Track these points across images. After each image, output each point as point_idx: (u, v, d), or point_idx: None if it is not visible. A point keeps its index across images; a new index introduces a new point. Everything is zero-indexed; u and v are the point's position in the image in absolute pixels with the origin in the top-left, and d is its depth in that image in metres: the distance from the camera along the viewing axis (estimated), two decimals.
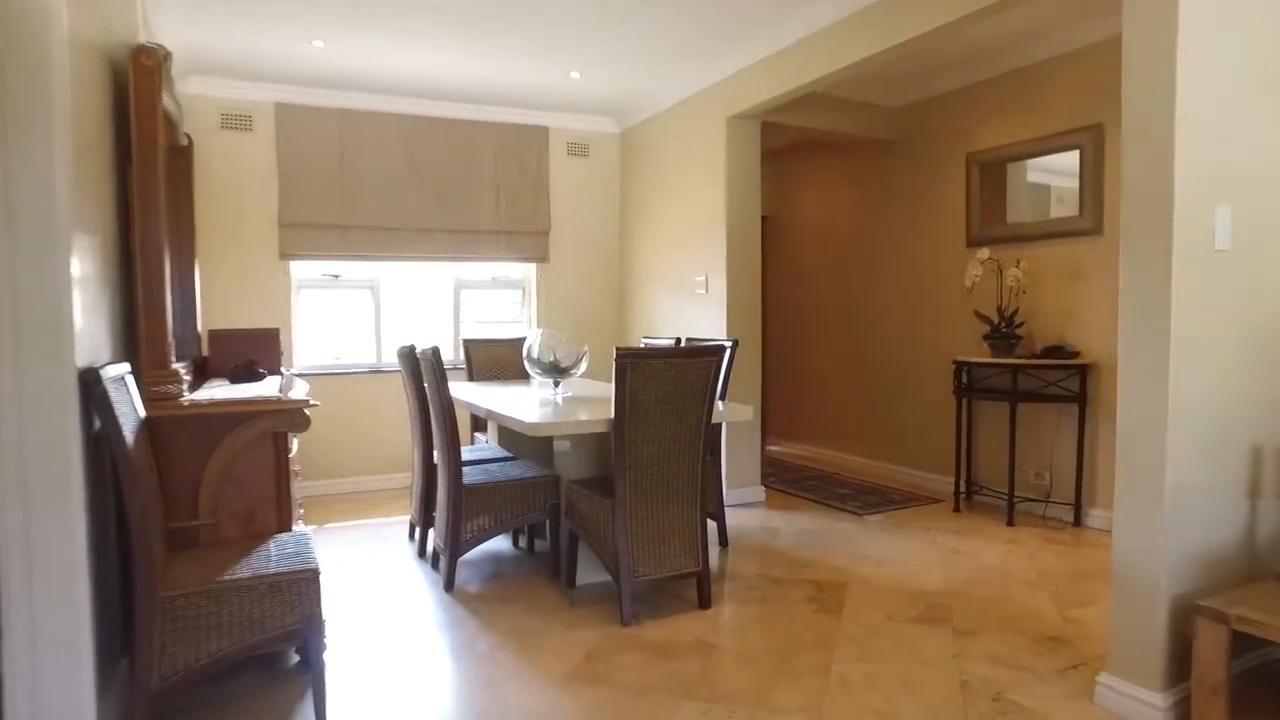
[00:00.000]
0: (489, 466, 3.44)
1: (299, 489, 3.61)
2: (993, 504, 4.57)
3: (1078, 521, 4.18)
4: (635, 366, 2.66)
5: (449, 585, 3.19)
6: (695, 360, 2.75)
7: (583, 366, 3.78)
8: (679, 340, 4.38)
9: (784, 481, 5.33)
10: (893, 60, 4.51)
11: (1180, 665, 2.15)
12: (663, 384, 2.72)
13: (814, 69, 3.94)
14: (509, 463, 3.55)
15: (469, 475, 3.23)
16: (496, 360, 4.84)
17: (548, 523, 3.34)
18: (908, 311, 5.22)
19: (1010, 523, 4.19)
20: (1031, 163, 4.43)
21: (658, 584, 3.00)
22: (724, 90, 4.62)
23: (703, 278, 4.86)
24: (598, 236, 5.87)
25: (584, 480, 3.13)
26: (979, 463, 4.72)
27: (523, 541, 3.83)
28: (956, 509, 4.51)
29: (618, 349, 2.67)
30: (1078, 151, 4.15)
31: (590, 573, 3.23)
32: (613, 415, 2.71)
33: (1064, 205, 4.29)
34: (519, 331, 5.69)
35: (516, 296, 5.76)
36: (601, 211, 5.87)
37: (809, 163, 6.09)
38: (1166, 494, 2.12)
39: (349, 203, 4.99)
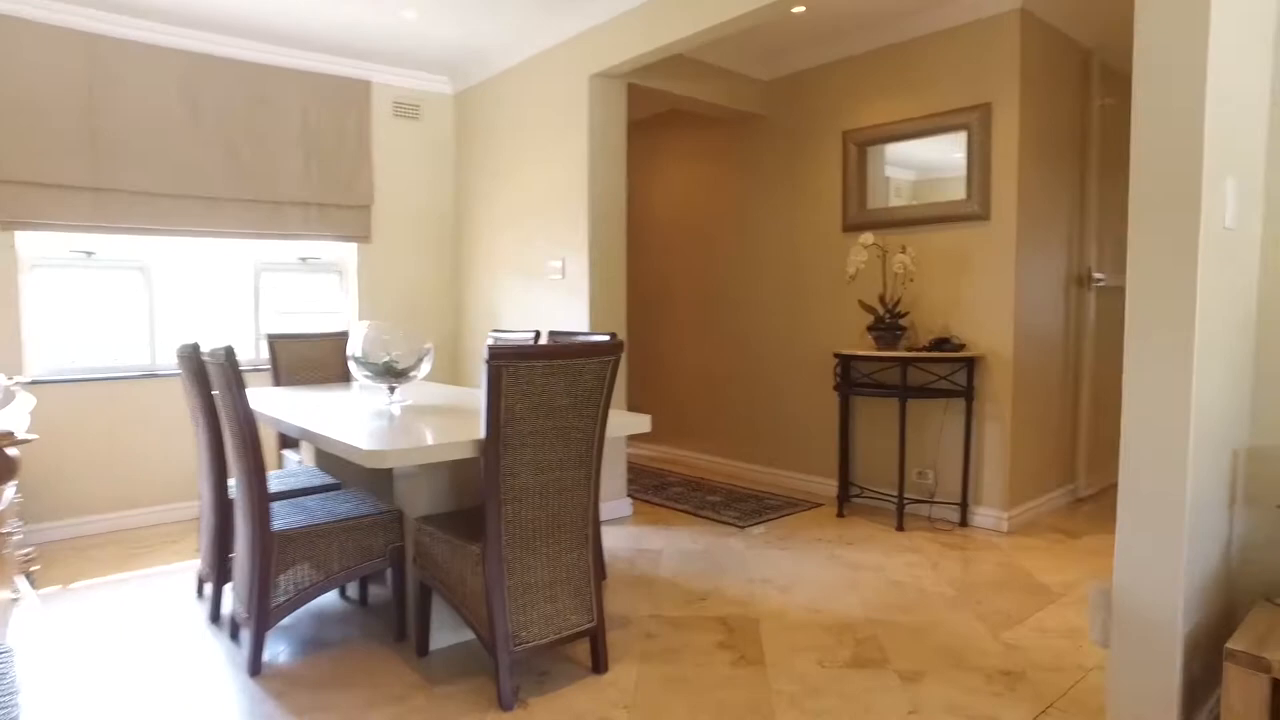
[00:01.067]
0: (306, 502, 2.62)
1: (21, 538, 2.62)
2: (875, 506, 4.29)
3: (964, 521, 3.97)
4: (514, 370, 1.99)
5: (254, 667, 2.35)
6: (588, 361, 2.12)
7: (425, 367, 3.04)
8: (538, 335, 3.72)
9: (646, 489, 4.81)
10: (767, 26, 4.08)
11: (1189, 714, 1.82)
12: (548, 391, 2.06)
13: (685, 24, 3.43)
14: (333, 494, 2.74)
15: (280, 515, 2.41)
16: (310, 360, 3.94)
17: (389, 570, 2.57)
18: (783, 301, 4.85)
19: (900, 527, 3.90)
20: (914, 143, 4.17)
21: (541, 646, 2.35)
22: (588, 44, 3.99)
23: (559, 261, 4.22)
24: (431, 213, 5.05)
25: (438, 517, 2.41)
26: (859, 463, 4.43)
27: (352, 590, 3.02)
28: (840, 514, 4.18)
29: (491, 348, 1.98)
30: (965, 133, 3.92)
31: (447, 632, 2.52)
32: (484, 434, 2.03)
33: (947, 189, 4.06)
34: (337, 324, 4.76)
35: (333, 282, 4.82)
36: (435, 184, 5.06)
37: (674, 137, 5.60)
38: (1186, 516, 1.77)
39: (104, 159, 3.86)
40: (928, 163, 4.17)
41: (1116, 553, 1.88)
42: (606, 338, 3.15)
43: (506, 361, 1.98)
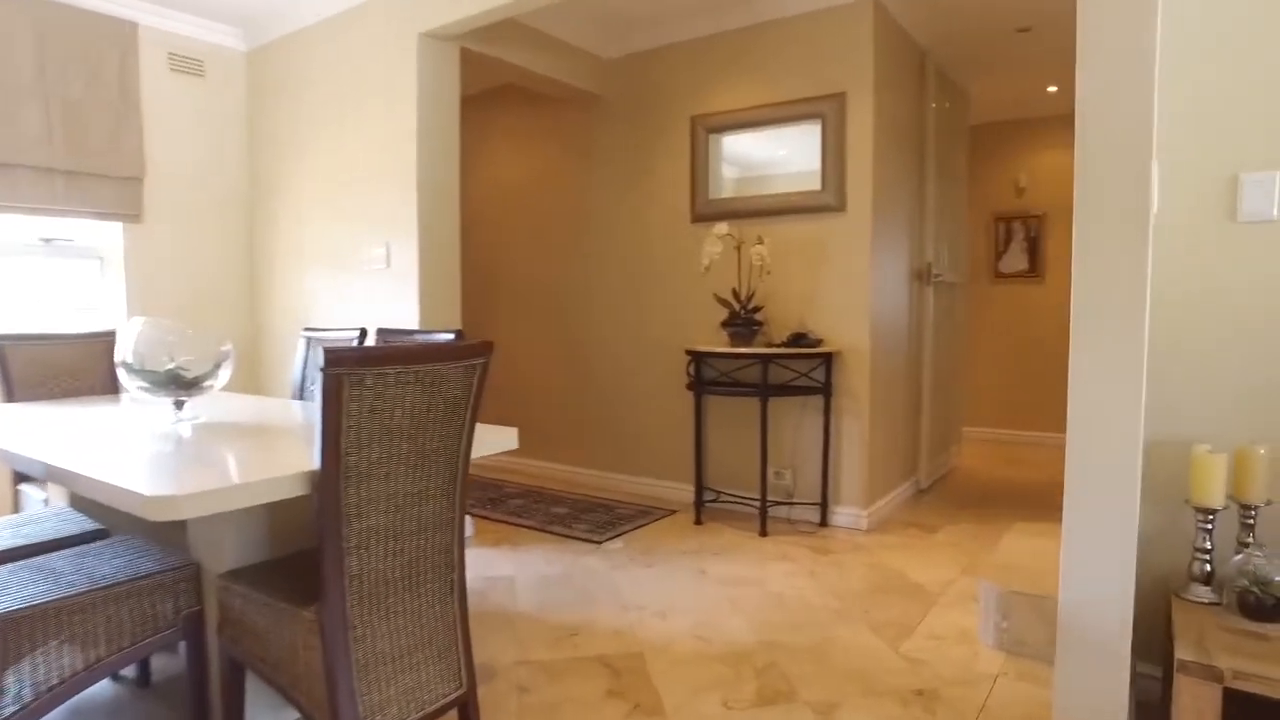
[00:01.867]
0: (54, 561, 1.94)
1: None
2: (733, 511, 4.10)
3: (824, 521, 3.87)
4: (360, 380, 1.50)
5: None
6: (453, 366, 1.68)
7: (223, 375, 2.42)
8: (364, 334, 3.16)
9: (483, 503, 4.34)
10: None
11: None
12: (405, 405, 1.60)
13: None
14: (97, 545, 2.07)
15: (10, 584, 1.74)
16: (59, 367, 3.11)
17: (182, 642, 1.96)
18: (631, 295, 4.55)
19: (763, 532, 3.73)
20: (766, 131, 4.01)
21: None
22: None
23: (383, 249, 3.65)
24: (221, 191, 4.26)
25: (253, 571, 1.85)
26: (714, 466, 4.23)
27: (129, 667, 2.33)
28: (698, 520, 3.95)
29: (329, 351, 1.48)
30: (819, 122, 3.81)
31: (264, 710, 1.96)
32: (318, 463, 1.52)
33: (802, 180, 3.94)
34: (99, 322, 3.87)
35: (90, 271, 3.92)
36: (226, 157, 4.27)
37: (509, 115, 5.12)
38: (1136, 527, 1.64)
39: None
40: (781, 151, 4.03)
41: (1063, 569, 1.72)
42: (451, 335, 2.69)
43: (350, 369, 1.49)
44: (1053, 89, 5.39)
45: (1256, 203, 1.99)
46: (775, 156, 4.05)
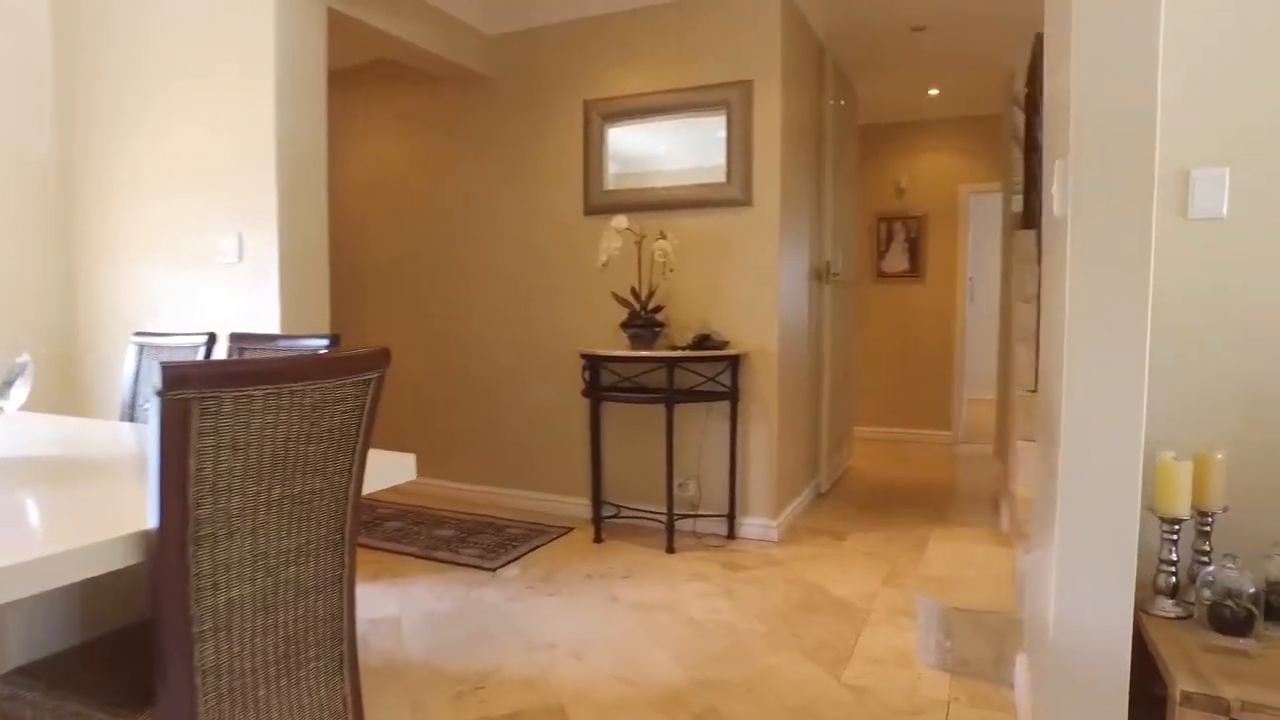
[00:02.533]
0: None
1: None
2: (635, 526, 3.83)
3: (732, 533, 3.67)
4: (214, 406, 1.11)
5: None
6: (341, 383, 1.30)
7: (18, 394, 1.91)
8: (213, 340, 2.65)
9: None
10: None
11: None
12: (277, 436, 1.21)
13: None
14: None
15: None
16: None
17: None
18: (519, 294, 4.18)
19: (670, 548, 3.47)
20: (667, 119, 3.77)
21: None
22: None
23: (233, 239, 3.12)
24: (17, 165, 3.54)
25: (53, 664, 1.39)
26: (613, 478, 3.94)
27: None
28: (598, 538, 3.65)
29: (167, 367, 1.08)
30: (724, 111, 3.60)
31: None
32: (153, 520, 1.11)
33: (704, 172, 3.72)
34: None
35: None
36: (23, 124, 3.56)
37: (383, 95, 4.62)
38: (1135, 547, 1.48)
39: None
40: (683, 141, 3.80)
41: (1056, 592, 1.54)
42: (324, 341, 2.27)
43: (201, 390, 1.09)
44: (934, 92, 5.47)
45: (1207, 200, 1.91)
46: (677, 146, 3.81)
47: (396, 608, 2.83)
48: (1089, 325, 1.47)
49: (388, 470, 1.63)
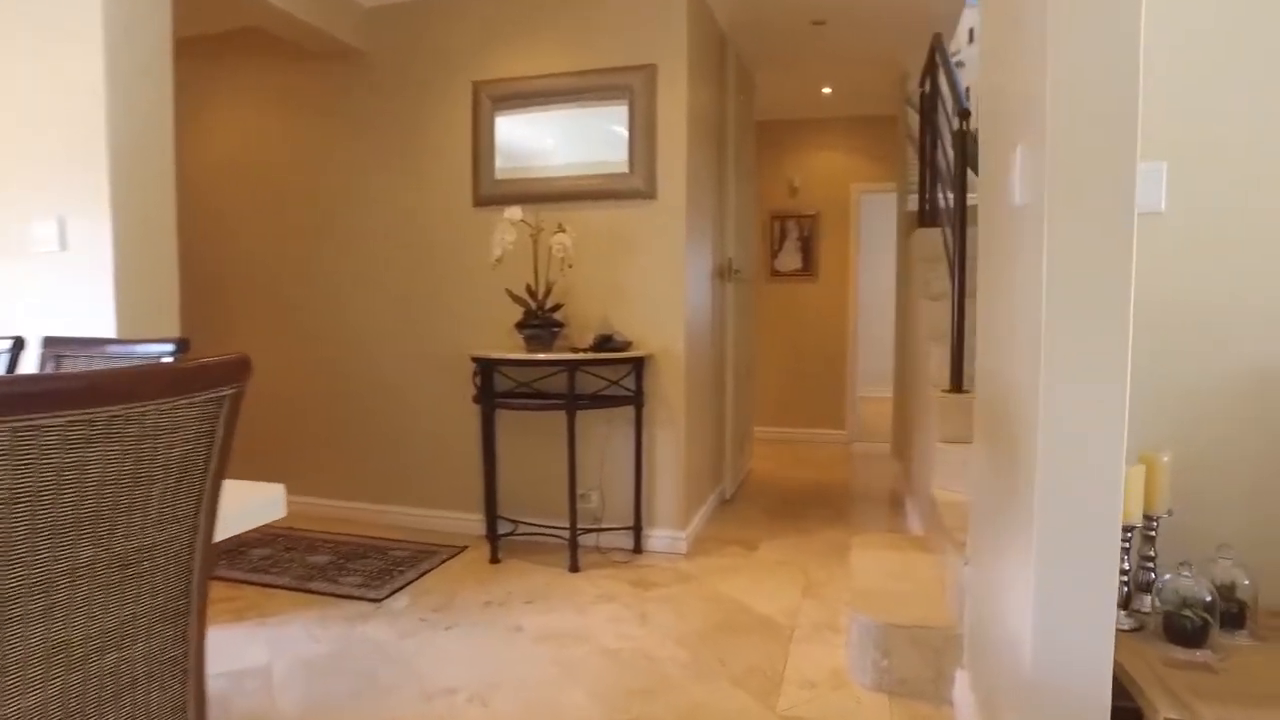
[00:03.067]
0: None
1: None
2: (534, 543, 3.54)
3: (638, 547, 3.45)
4: None
5: None
6: (180, 403, 0.98)
7: None
8: (19, 345, 2.19)
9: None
10: None
11: None
12: (84, 479, 0.87)
13: None
14: None
15: None
16: None
17: None
18: (401, 291, 3.81)
19: (575, 567, 3.21)
20: (564, 104, 3.50)
21: None
22: None
23: (53, 224, 2.62)
24: None
25: None
26: (509, 491, 3.64)
27: None
28: (494, 558, 3.34)
29: None
30: (627, 96, 3.37)
31: None
32: None
33: (605, 162, 3.48)
34: None
35: None
36: None
37: (249, 67, 4.11)
38: (1117, 563, 1.35)
39: None
40: (583, 128, 3.54)
41: (1035, 615, 1.39)
42: (170, 347, 1.89)
43: None
44: (827, 90, 5.45)
45: (1145, 194, 1.83)
46: (575, 133, 3.55)
47: (266, 654, 2.44)
48: (1070, 322, 1.33)
49: (249, 509, 1.31)
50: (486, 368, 3.36)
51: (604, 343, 3.29)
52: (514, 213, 3.28)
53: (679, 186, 3.35)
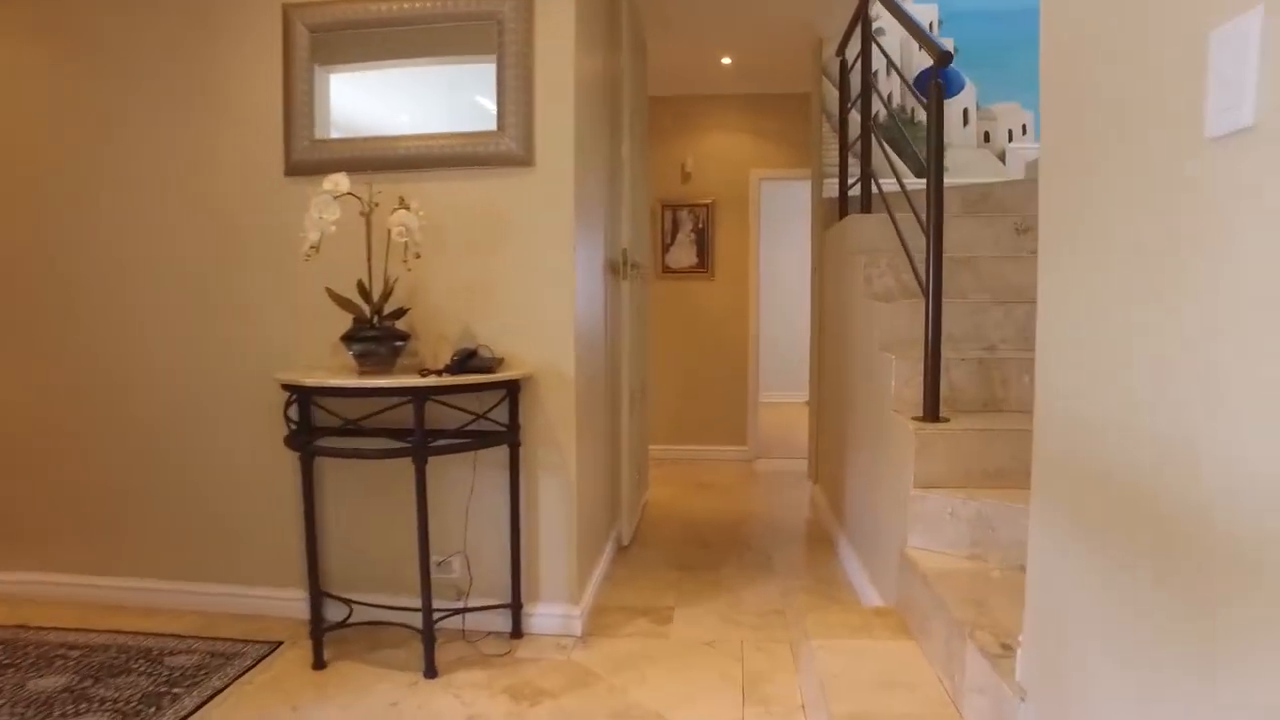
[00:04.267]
0: None
1: None
2: (374, 631, 2.62)
3: (518, 630, 2.60)
4: None
5: None
6: None
7: None
8: None
9: None
10: None
11: None
12: None
13: None
14: None
15: None
16: None
17: None
18: (192, 292, 2.78)
19: (431, 669, 2.32)
20: (408, 36, 2.59)
21: None
22: None
23: None
24: None
25: None
26: (339, 561, 2.70)
27: None
28: (319, 662, 2.40)
29: None
30: (494, 29, 2.51)
31: None
32: None
33: (466, 116, 2.61)
34: None
35: None
36: None
37: None
38: None
39: None
40: (435, 71, 2.65)
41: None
42: None
43: None
44: (727, 61, 4.77)
45: None
46: (424, 80, 2.66)
47: None
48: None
49: None
50: (303, 398, 2.41)
51: (466, 360, 2.42)
52: (336, 183, 2.35)
53: (564, 150, 2.52)
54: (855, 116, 4.08)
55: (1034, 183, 3.59)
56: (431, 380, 2.29)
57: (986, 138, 4.16)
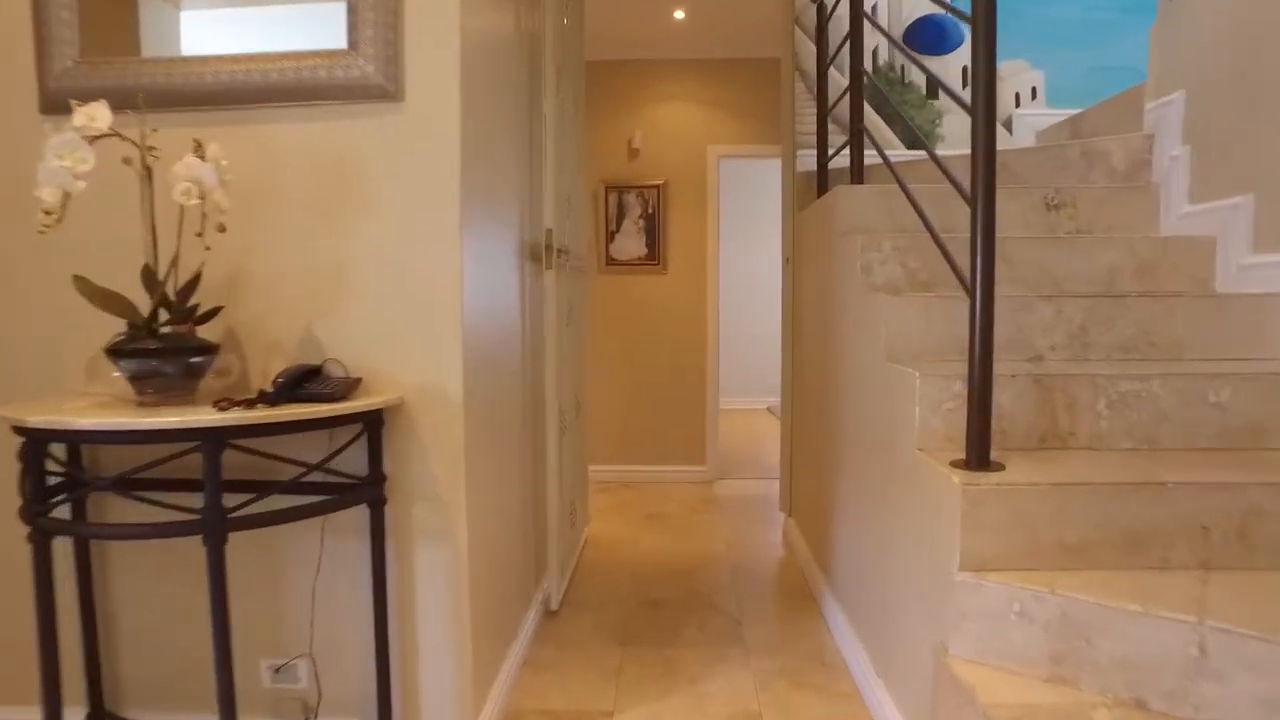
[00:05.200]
0: None
1: None
2: None
3: None
4: None
5: None
6: None
7: None
8: None
9: None
10: None
11: None
12: None
13: None
14: None
15: None
16: None
17: None
18: None
19: None
20: None
21: None
22: None
23: None
24: None
25: None
26: (130, 668, 1.89)
27: None
28: None
29: None
30: None
31: None
32: None
33: (301, 28, 1.82)
34: None
35: None
36: None
37: None
38: None
39: None
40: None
41: None
42: None
43: None
44: (679, 15, 4.03)
45: None
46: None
47: None
48: None
49: None
50: (35, 444, 1.59)
51: (299, 382, 1.63)
52: (91, 115, 1.55)
53: (446, 77, 1.75)
54: (836, 77, 3.37)
55: (1055, 150, 2.89)
56: (232, 417, 1.49)
57: None
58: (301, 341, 1.81)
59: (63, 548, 1.79)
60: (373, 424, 1.75)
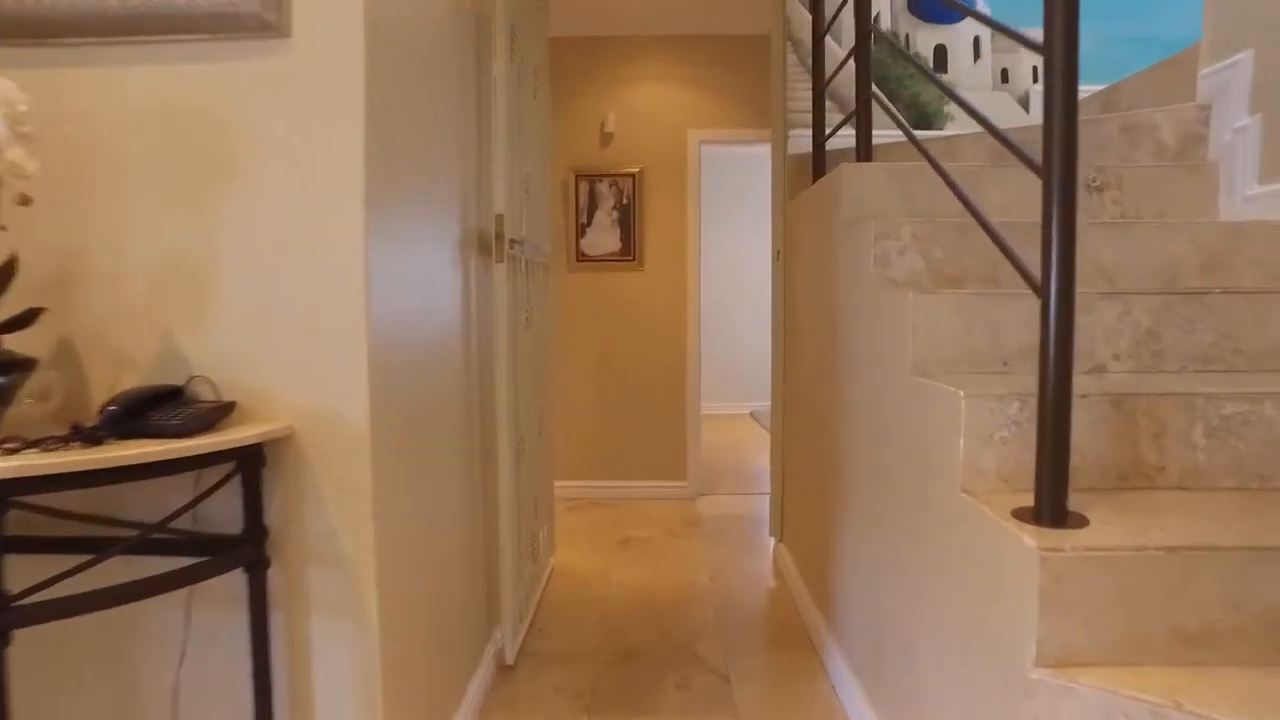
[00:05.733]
0: None
1: None
2: None
3: None
4: None
5: None
6: None
7: None
8: None
9: None
10: None
11: None
12: None
13: None
14: None
15: None
16: None
17: None
18: None
19: None
20: None
21: None
22: None
23: None
24: None
25: None
26: None
27: None
28: None
29: None
30: None
31: None
32: None
33: None
34: None
35: None
36: None
37: None
38: None
39: None
40: None
41: None
42: None
43: None
44: None
45: None
46: None
47: None
48: None
49: None
50: None
51: (138, 409, 1.21)
52: None
53: (347, 16, 1.33)
54: (833, 48, 2.99)
55: (1089, 125, 2.46)
56: (31, 461, 1.05)
57: (1004, 77, 3.11)
58: (159, 354, 1.38)
59: None
60: (249, 462, 1.33)
